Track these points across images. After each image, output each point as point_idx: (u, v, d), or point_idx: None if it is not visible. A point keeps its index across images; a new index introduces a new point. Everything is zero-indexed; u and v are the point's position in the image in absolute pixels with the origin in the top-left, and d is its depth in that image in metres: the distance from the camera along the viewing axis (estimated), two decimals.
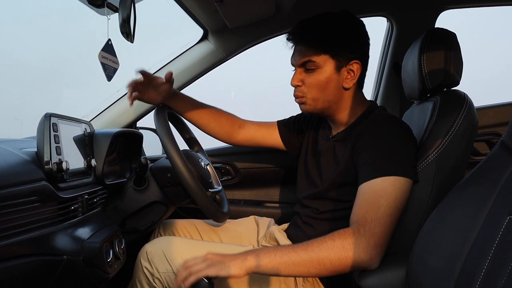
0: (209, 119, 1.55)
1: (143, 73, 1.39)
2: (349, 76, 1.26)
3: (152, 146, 2.03)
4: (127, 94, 1.40)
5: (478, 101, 1.21)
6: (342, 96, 1.28)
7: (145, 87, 1.43)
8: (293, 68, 1.32)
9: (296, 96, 1.32)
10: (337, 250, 1.01)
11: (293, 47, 1.31)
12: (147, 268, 1.29)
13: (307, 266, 1.02)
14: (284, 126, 1.59)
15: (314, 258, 1.02)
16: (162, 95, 1.44)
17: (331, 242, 1.03)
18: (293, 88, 1.32)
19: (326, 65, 1.24)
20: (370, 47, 1.31)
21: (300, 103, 1.32)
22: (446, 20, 1.88)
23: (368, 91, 2.07)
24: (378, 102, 2.01)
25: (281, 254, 1.03)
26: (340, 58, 1.24)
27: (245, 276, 1.03)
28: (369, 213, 1.04)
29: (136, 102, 1.85)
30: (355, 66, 1.25)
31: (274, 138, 1.59)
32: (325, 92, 1.26)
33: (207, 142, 1.74)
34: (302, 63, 1.26)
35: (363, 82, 1.33)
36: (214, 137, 1.61)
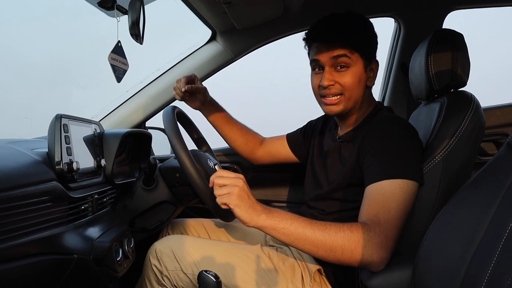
0: (238, 135, 1.65)
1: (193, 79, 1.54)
2: (371, 74, 1.29)
3: (160, 146, 2.05)
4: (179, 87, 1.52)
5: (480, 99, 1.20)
6: (364, 95, 1.29)
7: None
8: (316, 67, 1.28)
9: (333, 95, 1.26)
10: (353, 242, 1.01)
11: (317, 45, 1.26)
12: (156, 266, 1.30)
13: (318, 246, 1.02)
14: (293, 138, 1.65)
15: (328, 242, 1.02)
16: (200, 101, 1.58)
17: (349, 232, 1.02)
18: (320, 88, 1.27)
19: (358, 64, 1.24)
20: (378, 47, 1.32)
21: (332, 104, 1.27)
22: (454, 20, 1.88)
23: (376, 92, 2.07)
24: (386, 102, 2.01)
25: (297, 225, 1.03)
26: (367, 57, 1.26)
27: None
28: (381, 214, 1.04)
29: (145, 101, 1.88)
30: (375, 65, 1.29)
31: (285, 150, 1.65)
32: (357, 91, 1.26)
33: (216, 142, 1.76)
34: (336, 61, 1.23)
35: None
36: (236, 151, 1.71)
